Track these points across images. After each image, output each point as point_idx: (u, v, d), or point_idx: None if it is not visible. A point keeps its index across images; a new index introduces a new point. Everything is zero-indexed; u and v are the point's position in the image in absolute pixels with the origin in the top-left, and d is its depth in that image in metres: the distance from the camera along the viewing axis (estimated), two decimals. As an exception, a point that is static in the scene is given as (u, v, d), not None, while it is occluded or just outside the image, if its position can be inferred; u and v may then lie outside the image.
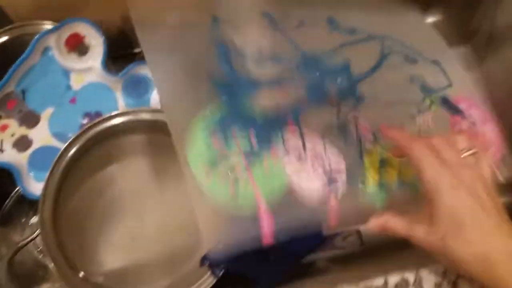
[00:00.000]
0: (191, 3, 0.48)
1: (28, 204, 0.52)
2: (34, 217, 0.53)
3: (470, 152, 0.36)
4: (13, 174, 0.48)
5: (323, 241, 0.52)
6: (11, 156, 0.49)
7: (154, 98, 0.52)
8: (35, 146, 0.50)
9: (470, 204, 0.32)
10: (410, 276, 0.40)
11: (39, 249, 0.51)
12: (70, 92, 0.52)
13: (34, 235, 0.44)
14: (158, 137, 0.47)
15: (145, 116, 0.47)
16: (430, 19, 0.60)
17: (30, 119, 0.50)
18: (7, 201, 0.52)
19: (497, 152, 0.51)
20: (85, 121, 0.52)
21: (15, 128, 0.50)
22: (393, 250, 0.47)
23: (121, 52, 0.57)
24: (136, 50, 0.59)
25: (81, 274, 0.44)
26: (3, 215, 0.52)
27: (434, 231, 0.33)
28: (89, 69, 0.51)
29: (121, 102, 0.51)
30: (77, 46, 0.51)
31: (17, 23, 0.50)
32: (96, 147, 0.47)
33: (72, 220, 0.46)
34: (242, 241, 0.37)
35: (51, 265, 0.50)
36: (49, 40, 0.48)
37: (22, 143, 0.50)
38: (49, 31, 0.49)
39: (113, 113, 0.47)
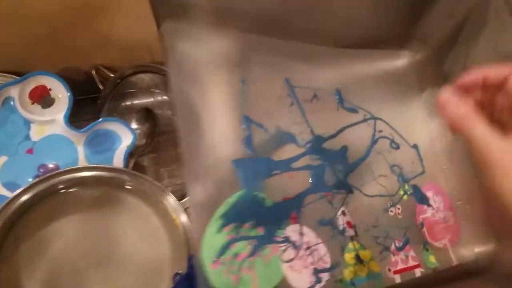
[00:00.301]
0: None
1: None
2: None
3: None
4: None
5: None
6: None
7: (118, 155, 0.50)
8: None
9: None
10: None
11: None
12: (28, 142, 0.50)
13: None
14: (113, 193, 0.46)
15: (99, 173, 0.45)
16: (407, 59, 0.62)
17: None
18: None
19: (454, 236, 0.55)
20: (40, 172, 0.50)
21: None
22: None
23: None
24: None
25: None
26: None
27: None
28: (51, 121, 0.49)
29: (82, 156, 0.49)
30: (42, 98, 0.48)
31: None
32: (47, 200, 0.45)
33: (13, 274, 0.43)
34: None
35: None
36: (11, 91, 0.47)
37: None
38: (13, 82, 0.46)
39: (68, 168, 0.45)
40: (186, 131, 0.40)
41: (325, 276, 0.44)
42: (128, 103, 0.55)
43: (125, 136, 0.49)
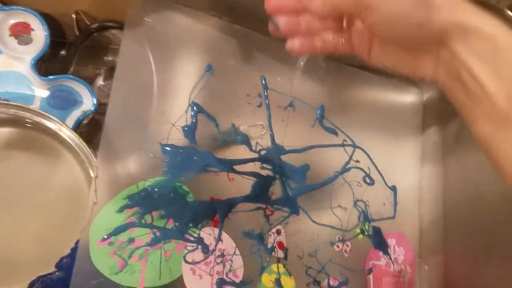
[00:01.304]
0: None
1: None
2: None
3: None
4: None
5: None
6: None
7: (72, 117, 0.47)
8: None
9: None
10: None
11: None
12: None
13: None
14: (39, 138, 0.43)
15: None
16: (413, 95, 0.57)
17: None
18: None
19: None
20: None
21: None
22: None
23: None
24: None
25: None
26: None
27: None
28: (21, 59, 0.47)
29: (37, 104, 0.47)
30: (21, 35, 0.47)
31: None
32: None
33: None
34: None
35: None
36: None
37: None
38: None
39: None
40: (119, 100, 0.38)
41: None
42: (99, 57, 0.53)
43: (86, 100, 0.48)
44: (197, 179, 0.41)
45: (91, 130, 0.49)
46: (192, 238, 0.40)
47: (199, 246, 0.40)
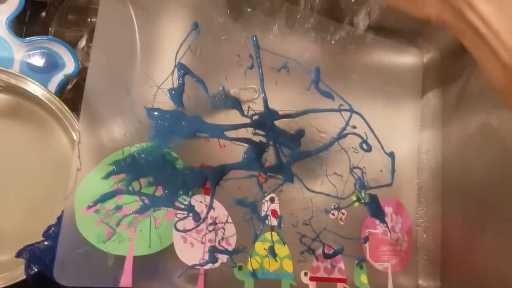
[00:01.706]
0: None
1: None
2: None
3: None
4: None
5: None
6: None
7: (53, 81, 0.45)
8: None
9: None
10: None
11: None
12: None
13: None
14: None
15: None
16: (413, 57, 0.55)
17: None
18: None
19: (401, 263, 0.50)
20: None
21: None
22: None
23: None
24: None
25: None
26: None
27: None
28: None
29: (17, 67, 0.44)
30: None
31: None
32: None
33: None
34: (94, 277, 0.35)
35: None
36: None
37: None
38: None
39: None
40: (99, 61, 0.36)
41: (222, 258, 0.40)
42: (82, 19, 0.50)
43: (69, 63, 0.45)
44: (186, 145, 0.39)
45: (76, 96, 0.47)
46: (182, 206, 0.39)
47: (190, 214, 0.39)
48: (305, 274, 0.45)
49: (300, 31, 0.47)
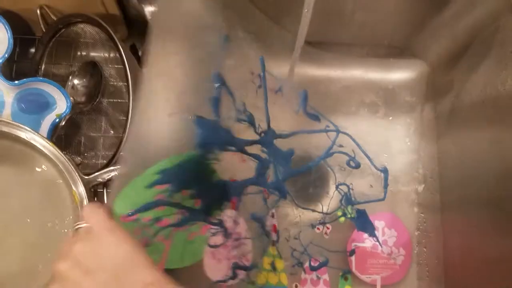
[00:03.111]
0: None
1: None
2: None
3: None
4: None
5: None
6: None
7: (46, 122, 0.45)
8: None
9: None
10: None
11: None
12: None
13: None
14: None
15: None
16: (401, 72, 0.56)
17: None
18: None
19: (395, 276, 0.50)
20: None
21: None
22: None
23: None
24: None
25: None
26: None
27: None
28: None
29: (8, 111, 0.45)
30: None
31: None
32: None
33: None
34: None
35: None
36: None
37: None
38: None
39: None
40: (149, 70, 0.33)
41: (241, 274, 0.40)
42: (72, 53, 0.50)
43: (60, 103, 0.45)
44: (220, 158, 0.38)
45: (69, 131, 0.47)
46: (215, 221, 0.37)
47: (221, 230, 0.37)
48: (295, 286, 0.47)
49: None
